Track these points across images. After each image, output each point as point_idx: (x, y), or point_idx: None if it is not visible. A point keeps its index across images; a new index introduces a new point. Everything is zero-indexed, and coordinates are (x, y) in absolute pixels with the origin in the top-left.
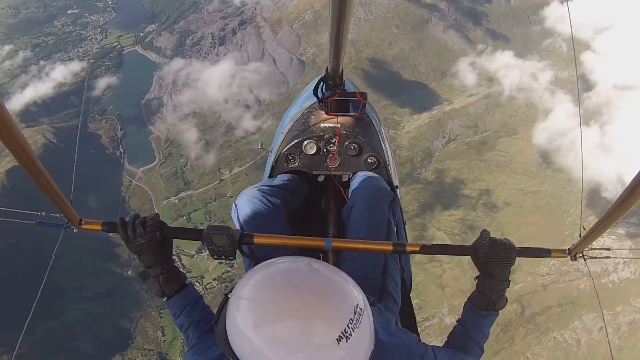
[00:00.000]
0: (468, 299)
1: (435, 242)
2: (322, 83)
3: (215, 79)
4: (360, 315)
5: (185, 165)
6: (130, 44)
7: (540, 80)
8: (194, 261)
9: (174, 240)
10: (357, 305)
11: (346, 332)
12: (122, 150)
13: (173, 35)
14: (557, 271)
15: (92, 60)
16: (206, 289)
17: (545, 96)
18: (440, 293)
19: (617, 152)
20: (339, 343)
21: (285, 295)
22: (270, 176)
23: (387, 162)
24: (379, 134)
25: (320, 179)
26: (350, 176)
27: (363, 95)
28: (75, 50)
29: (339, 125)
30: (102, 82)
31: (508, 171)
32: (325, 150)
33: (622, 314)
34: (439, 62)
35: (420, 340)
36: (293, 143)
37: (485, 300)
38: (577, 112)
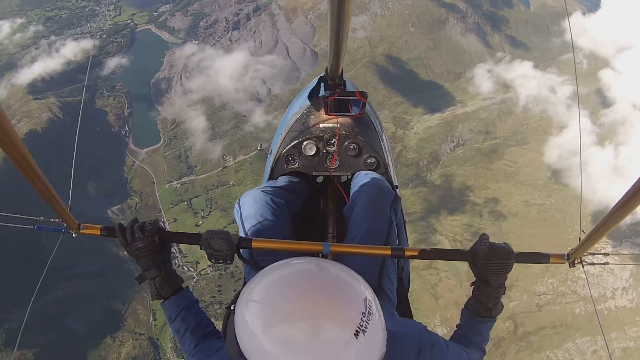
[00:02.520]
0: (465, 305)
1: (434, 247)
2: (322, 84)
3: (227, 69)
4: (370, 307)
5: (189, 150)
6: (143, 22)
7: (559, 94)
8: (191, 246)
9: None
10: (367, 298)
11: (361, 326)
12: (127, 129)
13: (187, 16)
14: (554, 292)
15: (105, 36)
16: (200, 274)
17: (561, 110)
18: (434, 303)
19: (631, 176)
20: (357, 337)
21: (297, 295)
22: (270, 177)
23: (387, 163)
24: (378, 134)
25: (320, 179)
26: (350, 176)
27: (363, 94)
28: (88, 25)
29: (338, 126)
30: (113, 62)
31: (515, 182)
32: (324, 151)
33: (616, 341)
34: (454, 64)
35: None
36: (292, 144)
37: (482, 307)
38: (593, 129)
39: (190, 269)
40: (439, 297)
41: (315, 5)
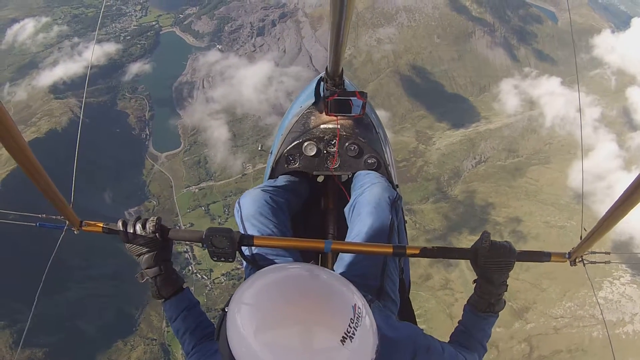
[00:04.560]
0: (467, 301)
1: (436, 245)
2: (322, 83)
3: (251, 79)
4: (360, 314)
5: (209, 155)
6: (168, 24)
7: (586, 115)
8: (205, 253)
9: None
10: (356, 304)
11: (349, 332)
12: (148, 132)
13: (212, 20)
14: (571, 315)
15: (129, 37)
16: (214, 283)
17: (588, 132)
18: (449, 323)
19: None
20: (343, 344)
21: (286, 301)
22: (271, 177)
23: (388, 163)
24: (378, 134)
25: (320, 179)
26: (350, 176)
27: (363, 94)
28: (113, 25)
29: (339, 127)
30: (135, 67)
31: (536, 201)
32: (325, 151)
33: None
34: (479, 77)
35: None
36: (293, 144)
37: (484, 303)
38: (620, 153)
39: (204, 276)
40: (455, 317)
41: None
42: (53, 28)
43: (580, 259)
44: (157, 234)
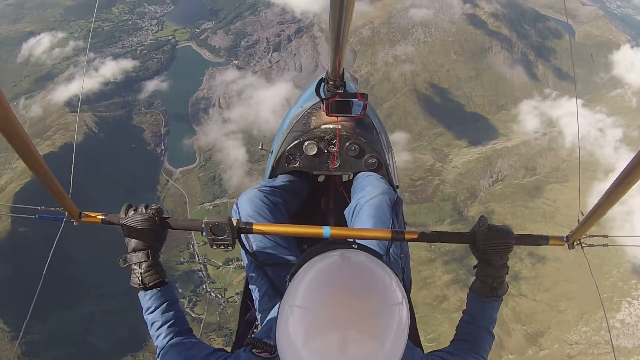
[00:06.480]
0: (470, 288)
1: (435, 230)
2: (323, 83)
3: (269, 101)
4: (401, 316)
5: (224, 172)
6: (185, 39)
7: (608, 136)
8: (220, 272)
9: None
10: (398, 302)
11: (388, 337)
12: (163, 147)
13: (228, 35)
14: (586, 341)
15: (145, 52)
16: (227, 302)
17: (609, 152)
18: None
19: None
20: (383, 347)
21: (337, 303)
22: (271, 176)
23: (388, 163)
24: (379, 135)
25: (321, 179)
26: (351, 176)
27: (364, 96)
28: (130, 39)
29: (339, 127)
30: (152, 84)
31: (552, 223)
32: (326, 151)
33: None
34: (497, 96)
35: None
36: (294, 144)
37: (487, 288)
38: None
39: (218, 295)
40: None
41: (358, 30)
42: (69, 43)
43: (579, 242)
44: (155, 217)
